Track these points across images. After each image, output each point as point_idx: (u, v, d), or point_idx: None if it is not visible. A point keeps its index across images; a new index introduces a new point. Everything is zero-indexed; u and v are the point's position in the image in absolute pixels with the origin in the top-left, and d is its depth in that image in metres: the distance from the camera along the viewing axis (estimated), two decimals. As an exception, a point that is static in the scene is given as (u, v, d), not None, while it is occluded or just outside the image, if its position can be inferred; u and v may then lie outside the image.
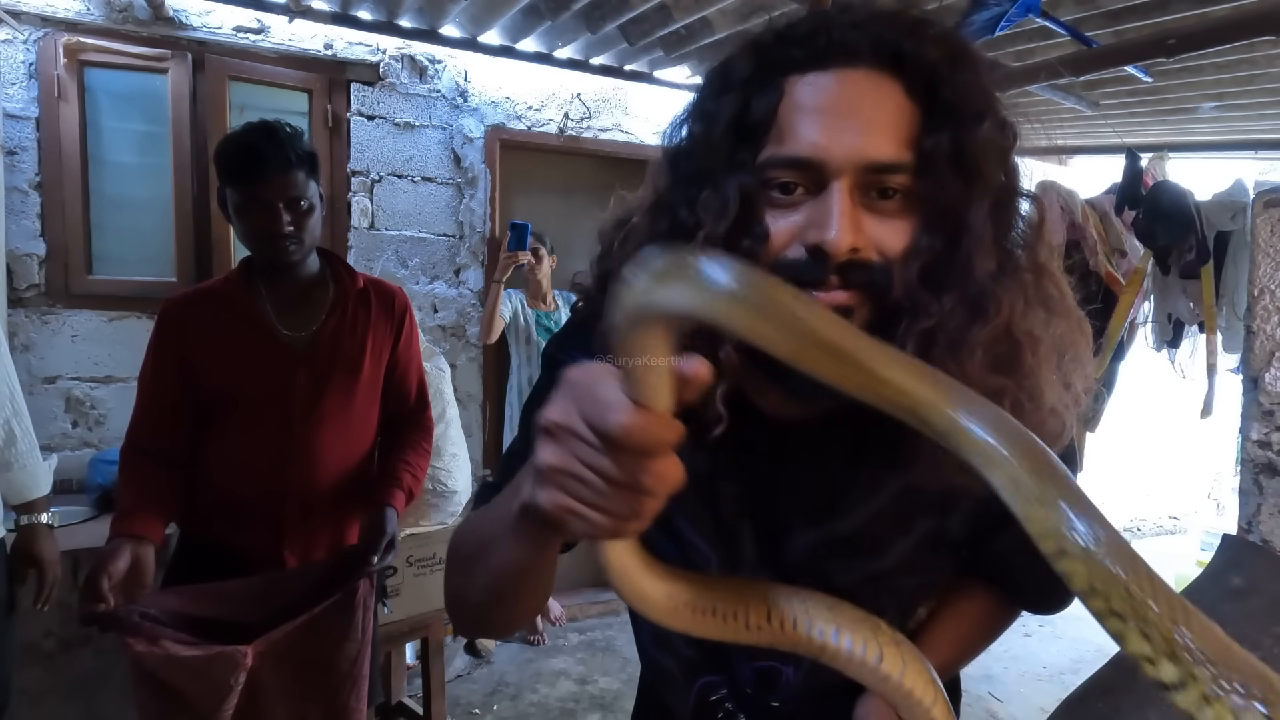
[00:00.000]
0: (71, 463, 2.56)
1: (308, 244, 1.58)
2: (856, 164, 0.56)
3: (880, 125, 0.56)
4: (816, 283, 0.57)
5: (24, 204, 2.60)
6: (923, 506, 0.70)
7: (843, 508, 0.70)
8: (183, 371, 1.57)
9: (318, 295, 1.65)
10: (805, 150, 0.56)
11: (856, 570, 0.71)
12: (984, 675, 3.25)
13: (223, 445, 1.59)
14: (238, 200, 1.52)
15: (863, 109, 0.56)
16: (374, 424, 1.75)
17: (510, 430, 3.31)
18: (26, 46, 2.57)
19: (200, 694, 1.26)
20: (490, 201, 3.33)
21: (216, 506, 1.59)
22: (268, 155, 1.49)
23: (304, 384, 1.60)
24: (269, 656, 1.34)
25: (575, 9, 2.62)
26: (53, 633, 1.91)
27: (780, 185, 0.58)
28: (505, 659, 3.20)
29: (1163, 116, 3.18)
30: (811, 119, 0.56)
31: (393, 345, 1.73)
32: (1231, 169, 3.58)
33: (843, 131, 0.56)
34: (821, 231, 0.56)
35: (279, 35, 2.88)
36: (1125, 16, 2.18)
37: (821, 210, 0.56)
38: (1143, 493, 5.21)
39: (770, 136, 0.58)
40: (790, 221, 0.58)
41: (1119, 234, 3.11)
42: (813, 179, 0.57)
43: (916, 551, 0.71)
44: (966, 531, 0.73)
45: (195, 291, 1.68)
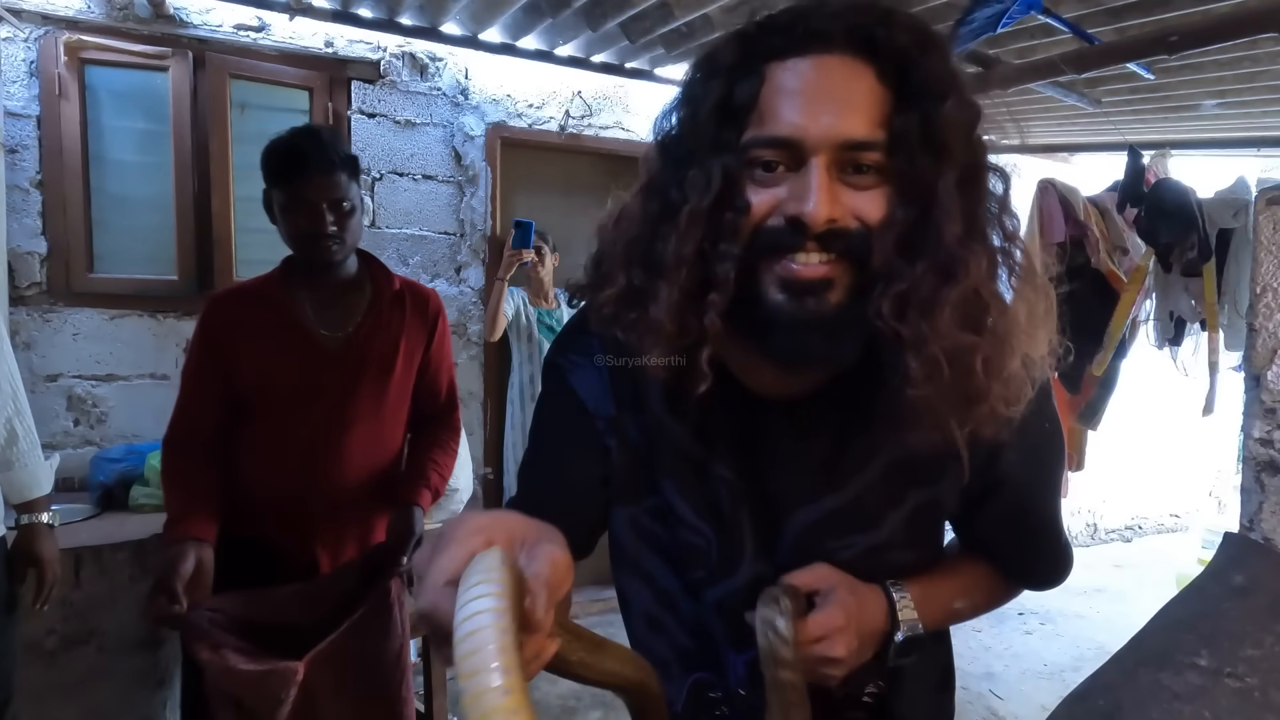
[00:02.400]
0: (73, 461, 2.56)
1: (349, 244, 1.62)
2: (833, 142, 0.60)
3: (854, 106, 0.60)
4: (794, 248, 0.61)
5: (25, 202, 2.60)
6: (913, 478, 0.73)
7: (836, 482, 0.73)
8: (223, 367, 1.61)
9: (354, 296, 1.69)
10: (785, 130, 0.61)
11: (855, 545, 0.74)
12: (985, 673, 3.25)
13: (257, 441, 1.63)
14: (283, 200, 1.57)
15: (837, 91, 0.61)
16: (403, 424, 1.78)
17: (511, 428, 3.31)
18: (27, 44, 2.57)
19: (256, 701, 1.33)
20: (491, 199, 3.33)
21: (251, 502, 1.63)
22: (312, 156, 1.54)
23: (336, 384, 1.63)
24: (319, 663, 1.39)
25: (576, 7, 2.62)
26: (54, 631, 1.92)
27: (763, 164, 0.63)
28: (506, 657, 3.20)
29: (1165, 114, 3.17)
30: (791, 101, 0.61)
31: (425, 347, 1.76)
32: (1234, 166, 3.58)
33: (819, 113, 0.60)
34: (800, 204, 0.60)
35: (280, 33, 2.87)
36: (1127, 13, 2.18)
37: (801, 185, 0.61)
38: (1144, 490, 5.20)
39: (753, 119, 0.62)
40: (772, 194, 0.62)
41: (1121, 231, 3.10)
42: (793, 157, 0.61)
43: (911, 523, 0.74)
44: (957, 503, 0.76)
45: (238, 289, 1.72)
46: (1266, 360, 1.00)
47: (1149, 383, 4.02)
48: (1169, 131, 3.44)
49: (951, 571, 0.81)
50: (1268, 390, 1.00)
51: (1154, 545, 5.13)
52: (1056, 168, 4.29)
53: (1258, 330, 1.01)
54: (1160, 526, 5.36)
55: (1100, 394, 3.19)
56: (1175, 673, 0.82)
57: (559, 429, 0.81)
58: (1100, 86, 2.80)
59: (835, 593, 0.70)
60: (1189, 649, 0.84)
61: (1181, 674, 0.82)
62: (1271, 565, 0.90)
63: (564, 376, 0.80)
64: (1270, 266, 1.00)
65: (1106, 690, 0.87)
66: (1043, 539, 0.83)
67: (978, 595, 0.82)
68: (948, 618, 0.81)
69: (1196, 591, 0.95)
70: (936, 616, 0.77)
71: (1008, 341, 0.63)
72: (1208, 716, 0.78)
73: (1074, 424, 3.26)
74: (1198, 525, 5.19)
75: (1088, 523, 5.04)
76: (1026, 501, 0.79)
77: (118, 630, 1.99)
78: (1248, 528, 1.02)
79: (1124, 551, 4.97)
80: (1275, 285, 0.99)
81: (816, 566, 0.73)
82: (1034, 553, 0.83)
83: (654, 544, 0.79)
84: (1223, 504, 5.46)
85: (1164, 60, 2.23)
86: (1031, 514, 0.80)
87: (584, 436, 0.78)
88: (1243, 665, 0.80)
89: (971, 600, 0.81)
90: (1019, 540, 0.82)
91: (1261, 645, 0.81)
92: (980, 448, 0.69)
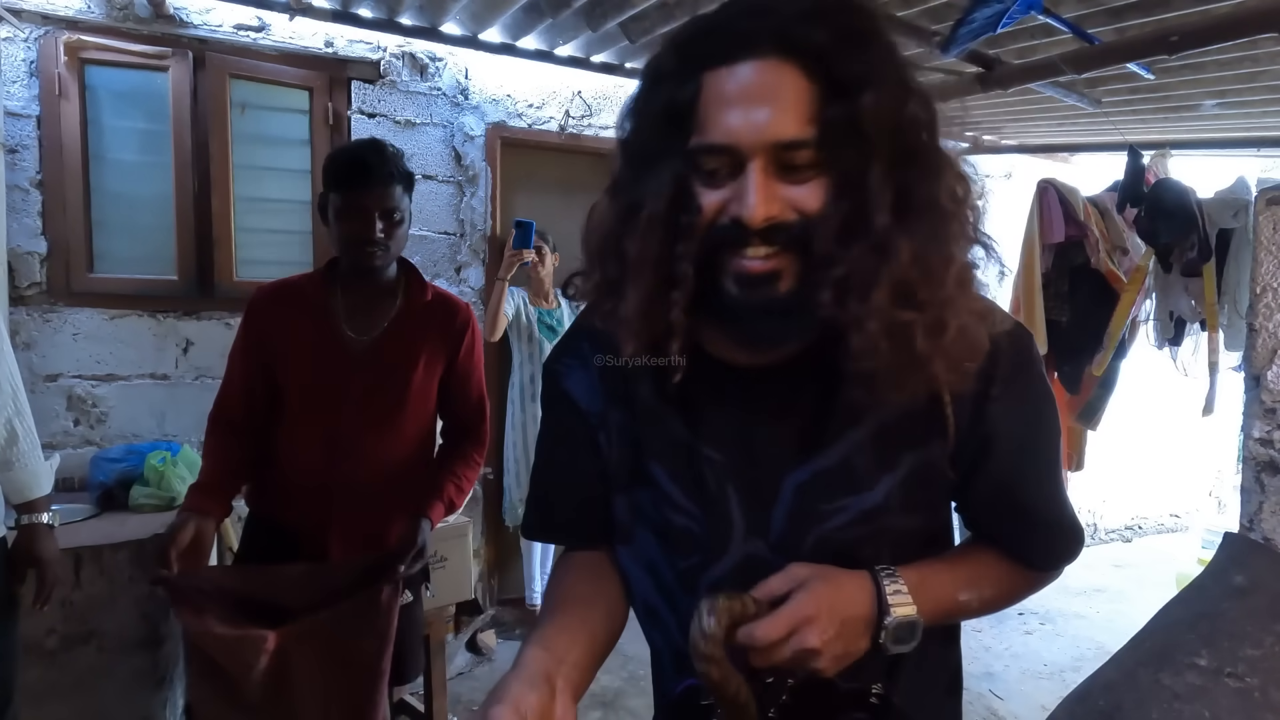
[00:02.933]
0: (73, 461, 2.56)
1: (393, 252, 1.72)
2: (766, 145, 0.64)
3: (782, 107, 0.63)
4: (741, 245, 0.66)
5: (25, 202, 2.60)
6: (904, 440, 0.74)
7: (823, 441, 0.74)
8: (260, 356, 1.72)
9: (387, 303, 1.77)
10: (721, 138, 0.65)
11: (849, 508, 0.74)
12: (985, 673, 3.25)
13: (285, 431, 1.73)
14: (339, 205, 1.66)
15: (765, 95, 0.64)
16: (426, 431, 1.84)
17: (511, 428, 3.31)
18: (27, 44, 2.57)
19: (229, 663, 1.46)
20: (491, 199, 3.33)
21: (278, 488, 1.74)
22: (374, 167, 1.64)
23: (356, 385, 1.71)
24: (295, 640, 1.49)
25: (576, 7, 2.62)
26: (55, 630, 1.92)
27: (708, 168, 0.67)
28: (507, 657, 3.20)
29: (1165, 114, 3.17)
30: (724, 110, 0.64)
31: (450, 359, 1.82)
32: (1234, 166, 3.58)
33: (751, 118, 0.63)
34: (740, 206, 0.65)
35: (280, 33, 2.88)
36: (1127, 13, 2.18)
37: (740, 187, 0.65)
38: (1144, 491, 5.20)
39: (695, 125, 0.66)
40: (718, 196, 0.67)
41: (1121, 231, 3.10)
42: (732, 161, 0.65)
43: (907, 487, 0.75)
44: (954, 468, 0.76)
45: (281, 284, 1.80)
46: (1266, 360, 1.00)
47: (1149, 383, 4.02)
48: (1169, 131, 3.44)
49: (955, 561, 0.80)
50: (1268, 390, 1.00)
51: (1154, 545, 5.13)
52: (1056, 168, 4.29)
53: (1258, 330, 1.01)
54: (1160, 526, 5.37)
55: (1100, 394, 3.19)
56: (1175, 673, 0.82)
57: (559, 431, 0.88)
58: (1100, 86, 2.80)
59: (807, 584, 0.70)
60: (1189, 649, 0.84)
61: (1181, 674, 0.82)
62: (1271, 565, 0.90)
63: (558, 380, 0.86)
64: (1270, 266, 1.00)
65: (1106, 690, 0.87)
66: (1045, 506, 0.81)
67: (985, 587, 0.80)
68: (952, 610, 0.78)
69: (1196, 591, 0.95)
70: (938, 607, 0.75)
71: (945, 312, 0.67)
72: (1208, 716, 0.78)
73: (1074, 424, 3.26)
74: (1198, 525, 5.20)
75: (1088, 523, 5.03)
76: (1022, 462, 0.78)
77: (118, 630, 1.99)
78: (1248, 528, 1.02)
79: (1124, 551, 4.97)
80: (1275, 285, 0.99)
81: (788, 568, 0.71)
82: (1037, 523, 0.81)
83: (653, 530, 0.81)
84: (1223, 504, 5.46)
85: (1164, 60, 2.23)
86: (1030, 476, 0.79)
87: (581, 435, 0.84)
88: (1243, 665, 0.80)
89: (979, 593, 0.79)
90: (1020, 508, 0.80)
91: (1261, 645, 0.81)
92: (964, 401, 0.73)
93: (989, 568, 0.82)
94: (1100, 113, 3.03)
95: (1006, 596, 0.84)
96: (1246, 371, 1.04)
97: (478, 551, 3.40)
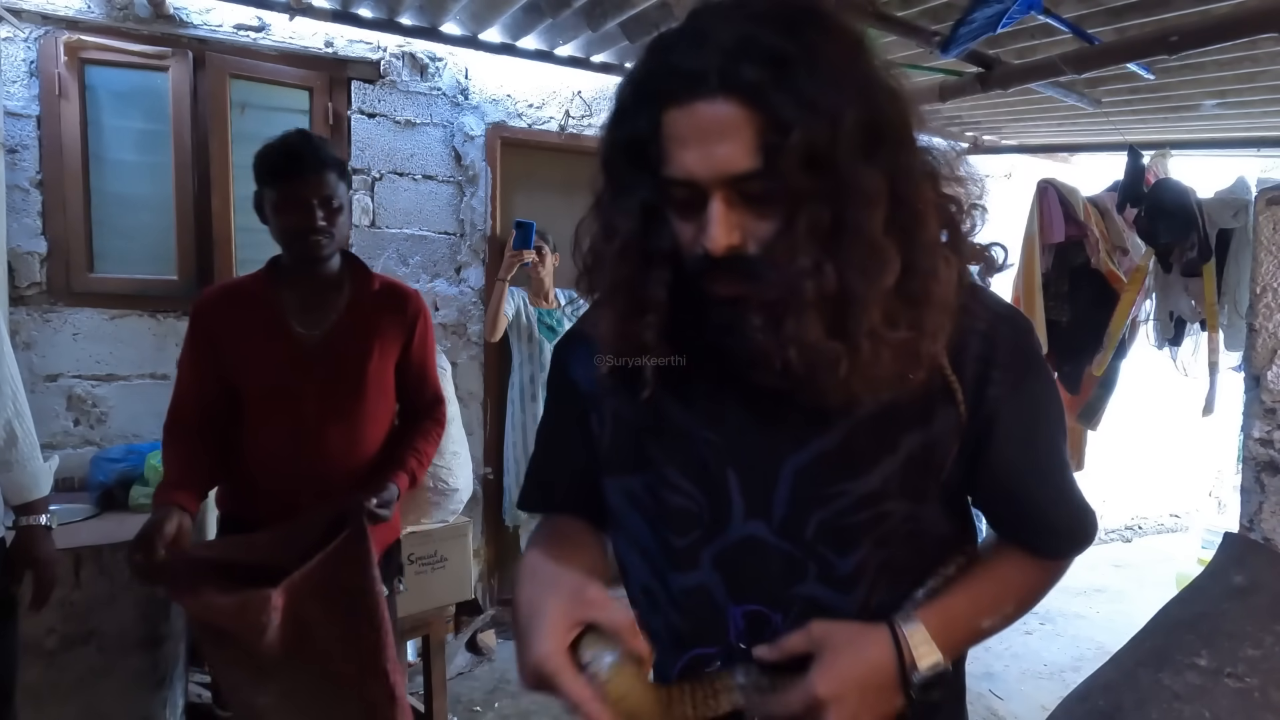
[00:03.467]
0: (73, 461, 2.56)
1: (337, 241, 1.71)
2: (721, 179, 0.66)
3: (732, 141, 0.65)
4: (711, 276, 0.69)
5: (25, 202, 2.60)
6: (904, 421, 0.74)
7: (823, 424, 0.74)
8: (212, 360, 1.71)
9: (334, 295, 1.76)
10: (681, 174, 0.67)
11: (848, 493, 0.74)
12: (985, 673, 3.25)
13: (247, 432, 1.72)
14: (275, 199, 1.65)
15: (715, 133, 0.65)
16: (386, 418, 1.84)
17: (511, 429, 3.30)
18: (27, 44, 2.57)
19: (240, 631, 1.47)
20: (491, 199, 3.33)
21: (245, 488, 1.73)
22: (307, 155, 1.63)
23: (314, 380, 1.70)
24: (297, 594, 1.50)
25: (576, 7, 2.62)
26: (55, 630, 1.91)
27: (678, 198, 0.69)
28: (507, 656, 3.20)
29: (1165, 114, 3.17)
30: (682, 147, 0.66)
31: (404, 346, 1.82)
32: (1233, 166, 3.58)
33: (705, 156, 0.65)
34: (703, 238, 0.67)
35: (280, 33, 2.87)
36: (1127, 13, 2.18)
37: (704, 220, 0.67)
38: (1144, 490, 5.20)
39: (662, 158, 0.68)
40: (689, 227, 0.70)
41: (1121, 232, 3.10)
42: (696, 193, 0.67)
43: (906, 471, 0.74)
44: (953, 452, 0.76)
45: (226, 286, 1.80)
46: (1266, 360, 1.00)
47: (1149, 383, 4.02)
48: (1169, 131, 3.44)
49: (973, 585, 0.79)
50: (1268, 390, 1.00)
51: (1154, 545, 5.13)
52: (1056, 168, 4.29)
53: (1258, 330, 1.01)
54: (1160, 526, 5.36)
55: (1100, 394, 3.19)
56: (1175, 673, 0.82)
57: (558, 411, 0.93)
58: (1100, 86, 2.80)
59: (824, 654, 0.70)
60: (1189, 649, 0.84)
61: (1181, 674, 0.82)
62: (1271, 565, 0.90)
63: (564, 362, 0.91)
64: (1270, 266, 1.00)
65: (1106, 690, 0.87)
66: (1051, 489, 0.80)
67: (1007, 604, 0.80)
68: (976, 639, 0.79)
69: (1196, 591, 0.95)
70: (963, 641, 0.75)
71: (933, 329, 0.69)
72: (1208, 716, 0.78)
73: (1074, 424, 3.26)
74: (1198, 525, 5.19)
75: (1088, 523, 5.03)
76: (1026, 444, 0.78)
77: (118, 630, 1.99)
78: (1248, 528, 1.02)
79: (1124, 551, 4.97)
80: (1275, 285, 0.99)
81: (808, 628, 0.72)
82: (1045, 507, 0.81)
83: (648, 515, 0.82)
84: (1223, 504, 5.46)
85: (1164, 60, 2.23)
86: (1034, 460, 0.79)
87: (578, 415, 0.88)
88: (1243, 665, 0.80)
89: (1001, 612, 0.79)
90: (1026, 492, 0.80)
91: (1261, 645, 0.81)
92: (965, 385, 0.74)
93: (1008, 582, 0.81)
94: (1100, 113, 3.03)
95: (1027, 603, 0.83)
96: (1246, 371, 1.04)
97: (478, 551, 3.40)
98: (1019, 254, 3.09)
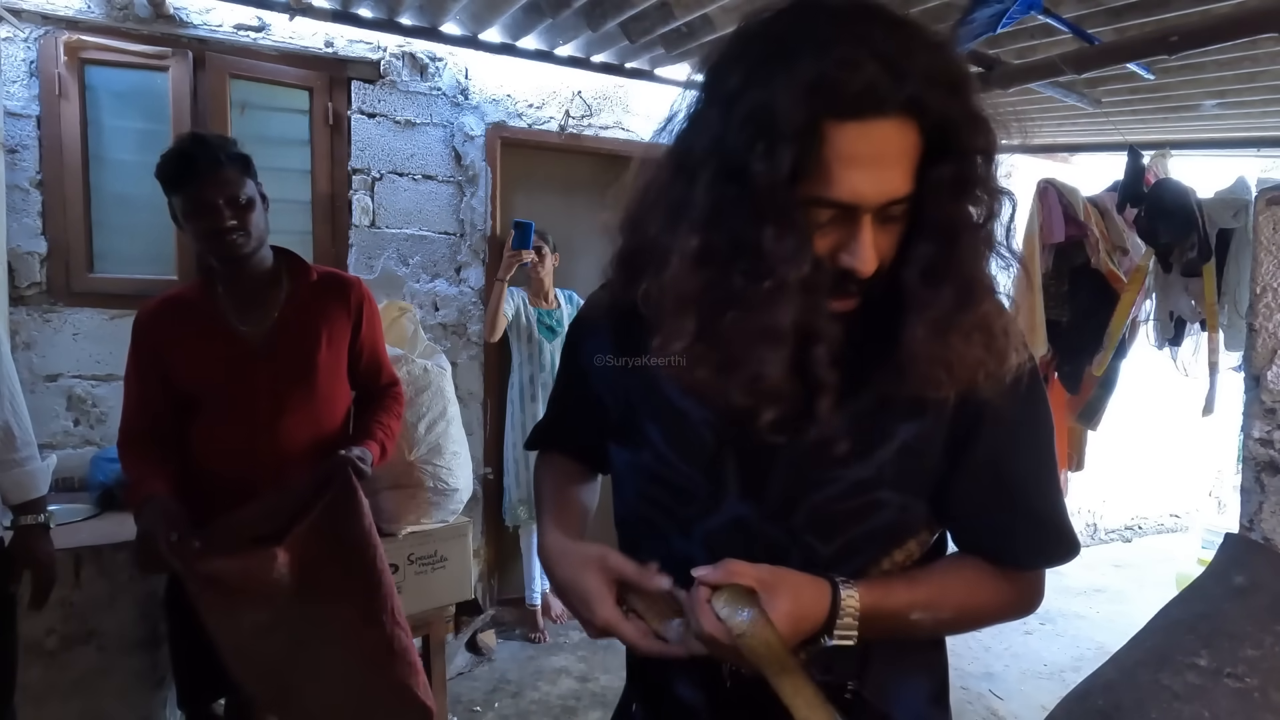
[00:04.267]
0: (73, 460, 2.56)
1: (254, 237, 1.69)
2: (882, 203, 0.66)
3: (902, 167, 0.66)
4: (845, 296, 0.70)
5: (25, 202, 2.60)
6: (901, 412, 0.75)
7: (823, 411, 0.73)
8: (159, 372, 1.70)
9: (273, 291, 1.77)
10: (847, 197, 0.65)
11: (841, 479, 0.76)
12: (985, 673, 3.25)
13: (202, 435, 1.72)
14: (182, 206, 1.65)
15: (890, 156, 0.65)
16: (342, 406, 1.86)
17: (511, 428, 3.31)
18: (27, 44, 2.57)
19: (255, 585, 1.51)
20: (491, 199, 3.33)
21: (204, 490, 1.71)
22: (198, 158, 1.62)
23: (265, 376, 1.71)
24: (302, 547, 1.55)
25: (576, 6, 2.62)
26: (54, 631, 1.91)
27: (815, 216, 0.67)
28: (506, 657, 3.21)
29: (1165, 114, 3.17)
30: (851, 169, 0.64)
31: (353, 332, 1.84)
32: (1233, 166, 3.58)
33: (876, 180, 0.65)
34: (853, 259, 0.67)
35: (280, 33, 2.87)
36: (1127, 14, 2.18)
37: (850, 238, 0.67)
38: (1144, 491, 5.20)
39: (813, 174, 0.65)
40: (823, 240, 0.68)
41: (1121, 231, 3.10)
42: (847, 213, 0.67)
43: (899, 460, 0.76)
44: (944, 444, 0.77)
45: (162, 299, 1.77)
46: (1266, 360, 1.00)
47: (1149, 383, 4.02)
48: (1169, 131, 3.44)
49: (918, 581, 0.78)
50: (1268, 390, 1.00)
51: (1154, 545, 5.13)
52: (1056, 168, 4.29)
53: (1258, 330, 1.01)
54: (1160, 526, 5.37)
55: (1100, 394, 3.19)
56: (1175, 673, 0.82)
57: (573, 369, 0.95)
58: (1100, 86, 2.80)
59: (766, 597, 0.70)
60: (1189, 649, 0.84)
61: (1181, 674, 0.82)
62: (1271, 565, 0.90)
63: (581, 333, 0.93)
64: (1270, 266, 1.00)
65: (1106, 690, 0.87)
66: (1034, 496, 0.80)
67: (944, 608, 0.78)
68: (901, 631, 0.77)
69: (1196, 591, 0.95)
70: (883, 629, 0.74)
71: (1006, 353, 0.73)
72: (1207, 716, 0.78)
73: (1074, 424, 3.26)
74: (1198, 525, 5.19)
75: (1088, 523, 5.03)
76: (1011, 446, 0.77)
77: (118, 630, 1.99)
78: (1248, 528, 1.02)
79: (1124, 551, 4.97)
80: (1275, 285, 0.99)
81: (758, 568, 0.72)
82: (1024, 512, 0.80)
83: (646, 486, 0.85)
84: (1223, 504, 5.46)
85: (1164, 60, 2.23)
86: (1018, 462, 0.79)
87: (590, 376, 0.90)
88: (1243, 665, 0.80)
89: (935, 613, 0.78)
90: (1007, 495, 0.79)
91: (1261, 645, 0.81)
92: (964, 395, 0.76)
93: (955, 590, 0.80)
94: (1100, 113, 3.03)
95: (973, 613, 0.82)
96: (1246, 371, 1.04)
97: (478, 551, 3.40)
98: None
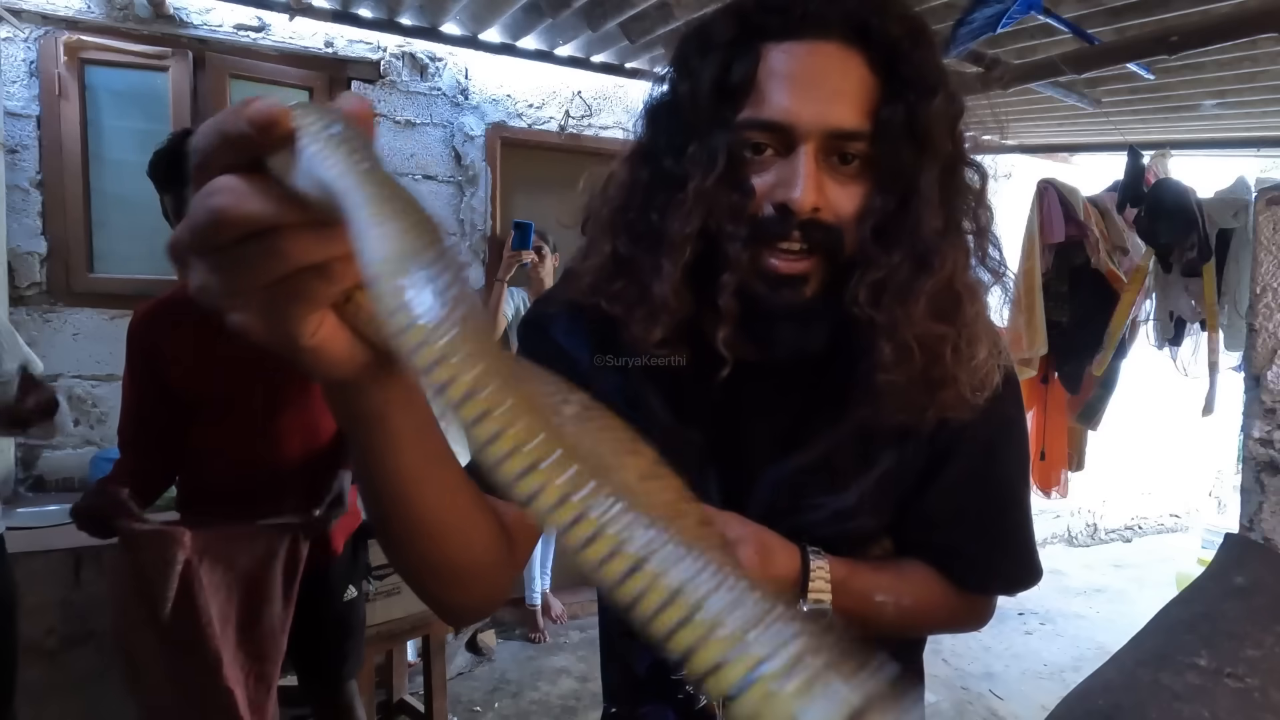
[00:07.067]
0: (73, 460, 2.57)
1: None
2: (822, 130, 0.61)
3: (845, 95, 0.61)
4: (781, 237, 0.63)
5: (25, 202, 2.60)
6: (883, 439, 0.72)
7: (806, 439, 0.72)
8: (156, 377, 1.69)
9: None
10: (778, 115, 0.61)
11: (823, 508, 0.73)
12: (985, 673, 3.25)
13: (200, 440, 1.71)
14: (175, 205, 1.63)
15: (830, 79, 0.61)
16: None
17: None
18: (27, 44, 2.57)
19: (151, 563, 1.46)
20: (491, 199, 3.33)
21: (203, 494, 1.72)
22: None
23: (261, 382, 1.70)
24: (206, 553, 1.51)
25: (576, 7, 2.62)
26: (54, 631, 1.91)
27: (753, 145, 0.63)
28: (506, 657, 3.21)
29: (1165, 114, 3.17)
30: (784, 86, 0.61)
31: None
32: (1233, 166, 3.58)
33: (811, 100, 0.61)
34: (788, 190, 0.61)
35: (280, 33, 2.87)
36: (1127, 13, 2.18)
37: (789, 171, 0.62)
38: (1144, 491, 5.20)
39: (748, 98, 0.62)
40: (761, 180, 0.63)
41: (1121, 231, 3.10)
42: (782, 141, 0.62)
43: (879, 487, 0.73)
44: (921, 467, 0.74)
45: (156, 302, 1.77)
46: (1266, 360, 1.00)
47: (1149, 383, 4.02)
48: (1169, 131, 3.44)
49: (880, 566, 0.76)
50: (1268, 390, 1.00)
51: (1154, 545, 5.13)
52: (1056, 168, 4.29)
53: (1258, 330, 1.01)
54: (1160, 526, 5.36)
55: (1100, 394, 3.19)
56: (1175, 673, 0.82)
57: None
58: (1100, 86, 2.80)
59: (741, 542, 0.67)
60: (1189, 649, 0.84)
61: (1181, 674, 0.82)
62: (1271, 565, 0.90)
63: (545, 330, 0.79)
64: (1270, 266, 1.00)
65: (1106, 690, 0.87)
66: (1001, 522, 0.78)
67: (904, 596, 0.76)
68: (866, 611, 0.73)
69: (1196, 591, 0.95)
70: (853, 605, 0.71)
71: (976, 333, 0.66)
72: (1207, 716, 0.78)
73: (1074, 424, 3.26)
74: (1198, 525, 5.19)
75: (1088, 523, 5.03)
76: (983, 467, 0.75)
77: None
78: (1248, 528, 1.02)
79: (1124, 551, 4.97)
80: (1275, 285, 0.99)
81: (728, 520, 0.68)
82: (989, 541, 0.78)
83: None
84: (1223, 504, 5.45)
85: (1164, 60, 2.23)
86: (989, 484, 0.76)
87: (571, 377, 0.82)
88: (1243, 665, 0.80)
89: (896, 599, 0.75)
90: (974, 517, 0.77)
91: (1261, 645, 0.81)
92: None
93: (913, 581, 0.78)
94: (1100, 113, 3.03)
95: (927, 615, 0.79)
96: (1246, 371, 1.04)
97: (478, 551, 3.40)
98: (1019, 254, 3.09)
